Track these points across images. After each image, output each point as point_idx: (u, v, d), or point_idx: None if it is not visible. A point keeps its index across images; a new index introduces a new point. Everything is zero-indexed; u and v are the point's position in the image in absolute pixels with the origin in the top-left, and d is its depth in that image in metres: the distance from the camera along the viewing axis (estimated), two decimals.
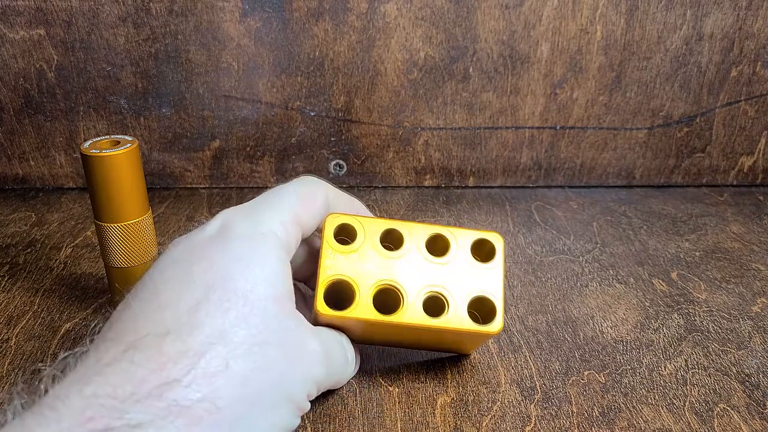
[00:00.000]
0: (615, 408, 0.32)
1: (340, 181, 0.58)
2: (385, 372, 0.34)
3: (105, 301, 0.40)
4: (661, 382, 0.34)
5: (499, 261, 0.31)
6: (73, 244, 0.48)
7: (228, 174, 0.57)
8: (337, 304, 0.29)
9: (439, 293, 0.30)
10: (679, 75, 0.54)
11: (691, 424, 0.31)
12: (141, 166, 0.36)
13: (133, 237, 0.36)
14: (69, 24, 0.50)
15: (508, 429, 0.31)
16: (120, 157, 0.34)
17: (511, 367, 0.35)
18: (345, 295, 0.30)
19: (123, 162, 0.34)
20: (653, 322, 0.39)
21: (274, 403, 0.25)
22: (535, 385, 0.34)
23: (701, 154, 0.58)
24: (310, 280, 0.34)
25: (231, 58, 0.52)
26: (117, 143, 0.35)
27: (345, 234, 0.31)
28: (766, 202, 0.56)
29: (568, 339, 0.37)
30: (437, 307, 0.30)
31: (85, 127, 0.54)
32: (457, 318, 0.30)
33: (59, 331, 0.37)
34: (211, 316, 0.23)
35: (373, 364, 0.35)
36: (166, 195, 0.56)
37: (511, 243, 0.49)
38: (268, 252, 0.27)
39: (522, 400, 0.32)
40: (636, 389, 0.33)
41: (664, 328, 0.39)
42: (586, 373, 0.35)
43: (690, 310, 0.40)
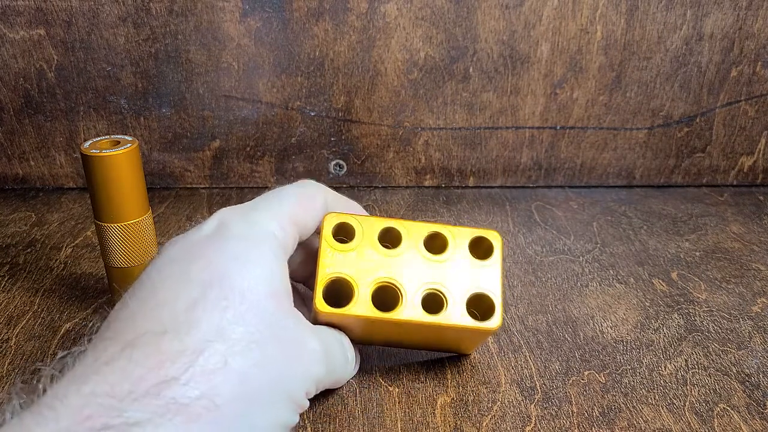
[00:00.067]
0: (615, 408, 0.32)
1: (340, 181, 0.58)
2: (385, 372, 0.34)
3: (105, 301, 0.40)
4: (661, 382, 0.34)
5: (497, 258, 0.31)
6: (73, 244, 0.48)
7: (228, 174, 0.57)
8: (336, 303, 0.29)
9: (437, 290, 0.30)
10: (679, 75, 0.54)
11: (691, 424, 0.31)
12: (141, 166, 0.36)
13: (133, 237, 0.36)
14: (69, 24, 0.50)
15: (508, 429, 0.31)
16: (120, 157, 0.34)
17: (511, 367, 0.35)
18: (344, 293, 0.30)
19: (123, 162, 0.34)
20: (653, 322, 0.39)
21: (273, 401, 0.25)
22: (535, 385, 0.34)
23: (701, 154, 0.58)
24: (309, 281, 0.34)
25: (231, 58, 0.52)
26: (117, 143, 0.35)
27: (343, 234, 0.31)
28: (766, 202, 0.56)
29: (568, 339, 0.37)
30: (436, 304, 0.30)
31: (85, 127, 0.54)
32: (455, 315, 0.30)
33: (59, 331, 0.37)
34: (209, 314, 0.24)
35: (373, 364, 0.35)
36: (166, 195, 0.56)
37: (511, 243, 0.49)
38: (265, 251, 0.27)
39: (522, 400, 0.32)
40: (636, 389, 0.33)
41: (664, 328, 0.39)
42: (586, 373, 0.35)
43: (690, 310, 0.40)
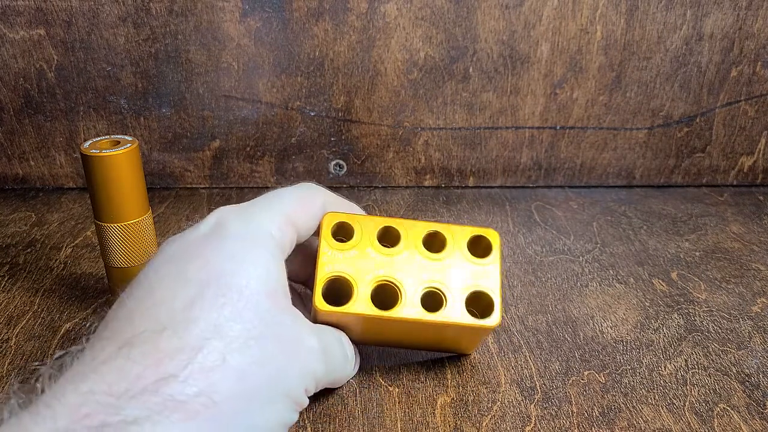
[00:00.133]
0: (615, 408, 0.32)
1: (340, 181, 0.58)
2: (385, 372, 0.34)
3: (105, 301, 0.40)
4: (661, 382, 0.34)
5: (495, 257, 0.31)
6: (73, 244, 0.48)
7: (228, 174, 0.57)
8: (335, 303, 0.30)
9: (436, 288, 0.30)
10: (679, 75, 0.54)
11: (691, 424, 0.31)
12: (141, 166, 0.36)
13: (133, 237, 0.36)
14: (69, 24, 0.50)
15: (508, 429, 0.31)
16: (120, 157, 0.34)
17: (511, 367, 0.35)
18: (343, 293, 0.30)
19: (123, 162, 0.34)
20: (653, 322, 0.39)
21: (272, 398, 0.25)
22: (535, 385, 0.34)
23: (701, 154, 0.58)
24: (308, 282, 0.34)
25: (231, 58, 0.52)
26: (117, 143, 0.35)
27: (343, 234, 0.31)
28: (766, 202, 0.56)
29: (568, 339, 0.37)
30: (435, 302, 0.30)
31: (85, 127, 0.54)
32: (455, 312, 0.30)
33: (59, 331, 0.37)
34: (206, 312, 0.24)
35: (373, 364, 0.35)
36: (166, 195, 0.56)
37: (511, 243, 0.49)
38: (262, 249, 0.27)
39: (522, 400, 0.32)
40: (636, 389, 0.33)
41: (664, 328, 0.39)
42: (586, 373, 0.35)
43: (690, 310, 0.40)
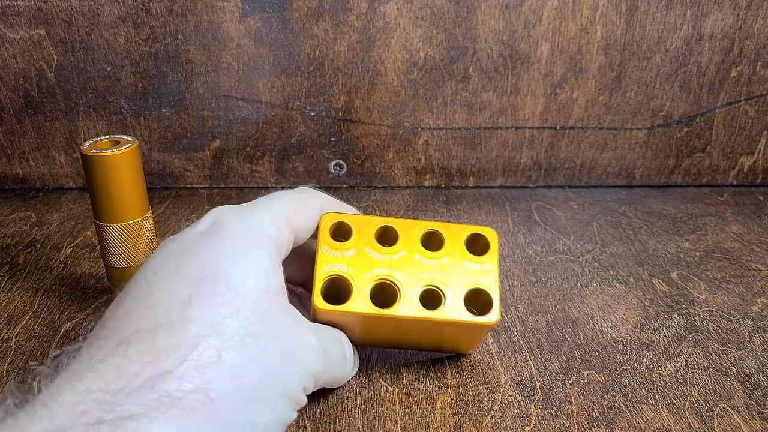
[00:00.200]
0: (615, 408, 0.32)
1: (340, 181, 0.58)
2: (385, 372, 0.34)
3: (105, 301, 0.40)
4: (661, 382, 0.34)
5: (493, 255, 0.31)
6: (73, 244, 0.48)
7: (228, 174, 0.57)
8: (335, 303, 0.30)
9: (435, 286, 0.30)
10: (679, 75, 0.54)
11: (691, 424, 0.31)
12: (141, 166, 0.36)
13: (133, 237, 0.36)
14: (69, 24, 0.50)
15: (508, 429, 0.31)
16: (120, 157, 0.34)
17: (511, 367, 0.35)
18: (342, 292, 0.30)
19: (123, 162, 0.34)
20: (653, 322, 0.39)
21: (270, 396, 0.25)
22: (535, 385, 0.34)
23: (701, 154, 0.58)
24: (307, 285, 0.34)
25: (231, 58, 0.52)
26: (117, 143, 0.35)
27: (341, 236, 0.31)
28: (766, 202, 0.56)
29: (568, 339, 0.37)
30: (434, 300, 0.30)
31: (85, 127, 0.54)
32: (454, 310, 0.30)
33: (59, 331, 0.37)
34: (203, 310, 0.24)
35: (373, 364, 0.35)
36: (166, 195, 0.56)
37: (511, 243, 0.49)
38: (259, 248, 0.27)
39: (522, 400, 0.32)
40: (636, 389, 0.33)
41: (664, 328, 0.39)
42: (586, 373, 0.35)
43: (690, 310, 0.40)
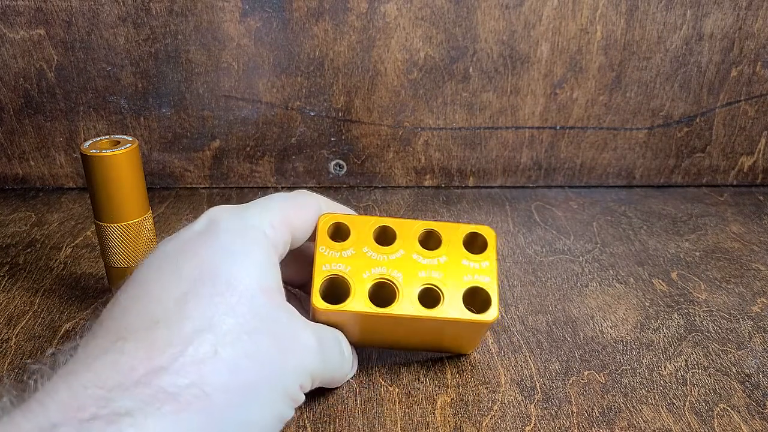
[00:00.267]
0: (615, 408, 0.32)
1: (340, 181, 0.58)
2: (385, 372, 0.34)
3: (105, 301, 0.40)
4: (661, 382, 0.34)
5: (491, 253, 0.31)
6: (73, 244, 0.48)
7: (228, 174, 0.57)
8: (334, 303, 0.30)
9: (434, 285, 0.30)
10: (679, 75, 0.54)
11: (691, 424, 0.31)
12: (141, 166, 0.36)
13: (133, 237, 0.36)
14: (69, 24, 0.50)
15: (508, 429, 0.31)
16: (120, 157, 0.34)
17: (511, 367, 0.35)
18: (341, 292, 0.30)
19: (123, 162, 0.34)
20: (653, 322, 0.39)
21: (266, 393, 0.25)
22: (535, 385, 0.34)
23: (701, 154, 0.58)
24: (305, 287, 0.34)
25: (231, 58, 0.52)
26: (117, 143, 0.35)
27: (339, 236, 0.31)
28: (766, 202, 0.56)
29: (568, 339, 0.37)
30: (432, 299, 0.30)
31: (85, 127, 0.54)
32: (452, 308, 0.30)
33: (59, 331, 0.37)
34: (200, 307, 0.24)
35: (373, 364, 0.35)
36: (166, 195, 0.56)
37: (511, 243, 0.49)
38: (256, 246, 0.27)
39: (522, 400, 0.32)
40: (636, 389, 0.33)
41: (664, 328, 0.39)
42: (586, 373, 0.35)
43: (690, 310, 0.40)
